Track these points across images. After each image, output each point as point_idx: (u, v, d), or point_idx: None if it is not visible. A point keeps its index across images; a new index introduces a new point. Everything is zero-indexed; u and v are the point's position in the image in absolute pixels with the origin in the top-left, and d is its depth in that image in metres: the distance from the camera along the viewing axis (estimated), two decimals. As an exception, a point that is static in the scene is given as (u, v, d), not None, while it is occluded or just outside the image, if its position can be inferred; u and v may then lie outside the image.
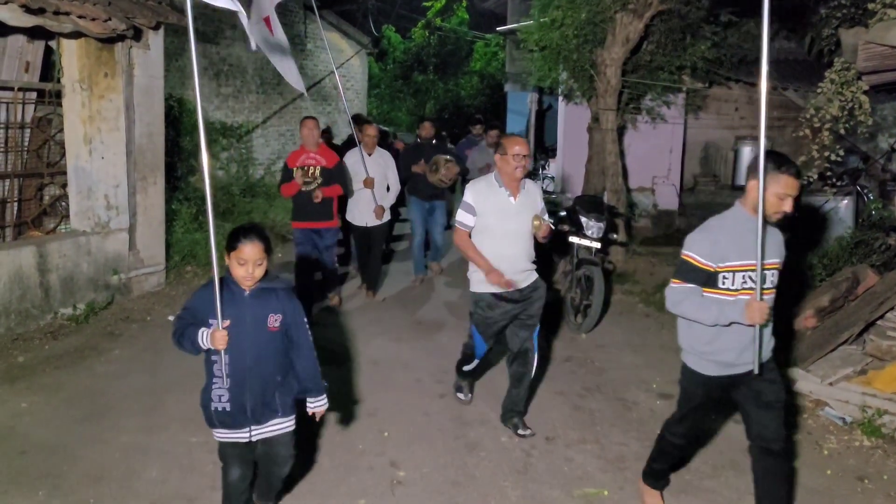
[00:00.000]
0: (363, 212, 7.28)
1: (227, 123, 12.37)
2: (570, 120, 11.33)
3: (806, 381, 5.15)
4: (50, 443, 4.15)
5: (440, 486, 3.78)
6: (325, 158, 6.53)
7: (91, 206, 6.74)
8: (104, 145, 6.75)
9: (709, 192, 12.75)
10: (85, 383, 5.07)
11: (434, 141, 8.35)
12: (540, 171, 13.96)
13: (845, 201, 8.85)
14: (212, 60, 12.30)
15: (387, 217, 7.38)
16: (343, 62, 15.33)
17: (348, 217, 7.39)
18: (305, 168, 6.43)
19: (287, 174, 6.52)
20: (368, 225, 7.33)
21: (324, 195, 6.40)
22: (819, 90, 6.99)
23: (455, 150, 9.33)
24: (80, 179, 6.67)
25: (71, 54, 6.51)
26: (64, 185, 6.81)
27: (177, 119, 10.35)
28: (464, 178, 8.24)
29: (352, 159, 7.16)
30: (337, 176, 6.55)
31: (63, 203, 6.88)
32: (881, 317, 5.36)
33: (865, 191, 9.26)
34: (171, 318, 6.63)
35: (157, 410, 4.65)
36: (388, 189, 7.44)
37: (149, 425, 4.42)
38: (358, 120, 8.51)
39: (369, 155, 7.19)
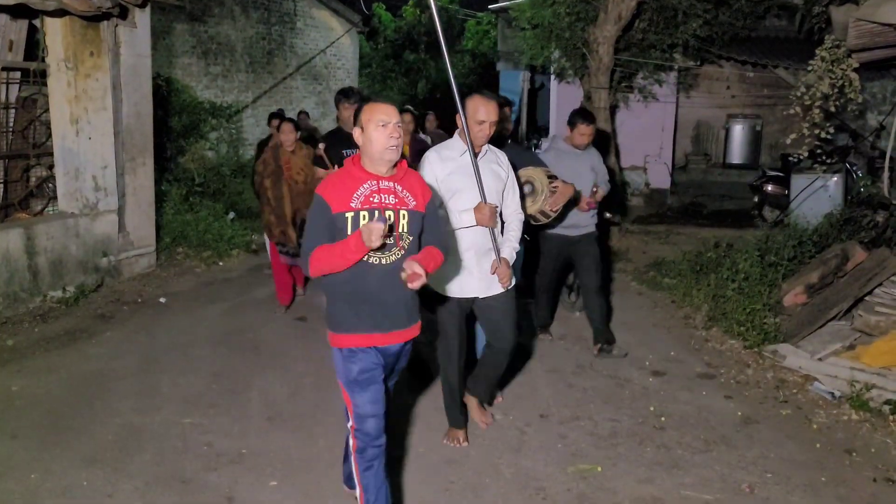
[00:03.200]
0: (470, 269, 3.77)
1: (217, 103, 12.27)
2: (563, 99, 11.29)
3: (796, 357, 5.19)
4: (41, 426, 4.13)
5: (435, 465, 3.80)
6: (413, 191, 3.01)
7: (79, 187, 6.68)
8: (91, 125, 6.67)
9: (700, 170, 12.81)
10: (76, 366, 5.05)
11: (509, 140, 5.06)
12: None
13: (835, 178, 8.89)
14: (200, 39, 12.16)
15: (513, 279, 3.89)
16: (334, 41, 15.19)
17: (434, 285, 3.76)
18: (381, 215, 2.87)
19: (328, 225, 2.89)
20: (486, 294, 3.82)
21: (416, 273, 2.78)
22: (810, 68, 6.98)
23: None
24: (67, 160, 6.60)
25: (55, 33, 6.41)
26: (51, 167, 6.74)
27: (165, 99, 10.25)
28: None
29: (447, 168, 3.70)
30: (433, 226, 3.08)
31: (50, 184, 6.81)
32: (870, 292, 5.41)
33: (854, 168, 9.30)
34: (162, 300, 6.61)
35: (150, 392, 4.64)
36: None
37: (142, 407, 4.41)
38: (348, 95, 5.48)
39: (476, 156, 3.68)
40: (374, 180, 2.91)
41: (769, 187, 9.83)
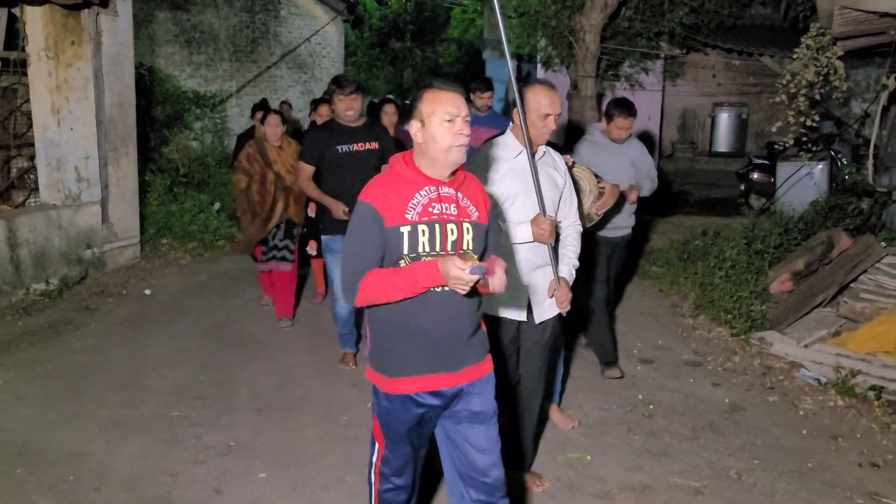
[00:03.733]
0: (519, 296, 3.23)
1: (201, 92, 12.15)
2: (549, 87, 11.26)
3: (782, 344, 5.22)
4: (27, 420, 4.09)
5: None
6: (474, 198, 2.50)
7: (61, 178, 6.59)
8: (73, 116, 6.58)
9: (687, 158, 12.85)
10: (61, 359, 5.00)
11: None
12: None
13: (820, 166, 8.93)
14: (183, 28, 12.02)
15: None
16: (319, 29, 15.07)
17: (493, 309, 3.19)
18: (477, 266, 2.18)
19: (379, 242, 2.36)
20: (538, 319, 3.34)
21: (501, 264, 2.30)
22: (795, 56, 6.99)
23: None
24: (48, 151, 6.50)
25: (35, 21, 6.29)
26: (32, 158, 6.64)
27: (148, 88, 10.14)
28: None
29: (499, 170, 3.18)
30: (495, 238, 2.61)
31: (32, 176, 6.71)
32: (854, 279, 5.45)
33: (839, 155, 9.35)
34: (147, 291, 6.56)
35: (137, 385, 4.60)
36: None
37: (128, 400, 4.38)
38: (342, 84, 4.55)
39: (533, 154, 3.13)
40: (433, 186, 2.38)
41: (755, 175, 9.87)
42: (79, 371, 4.79)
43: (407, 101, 9.21)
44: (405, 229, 2.32)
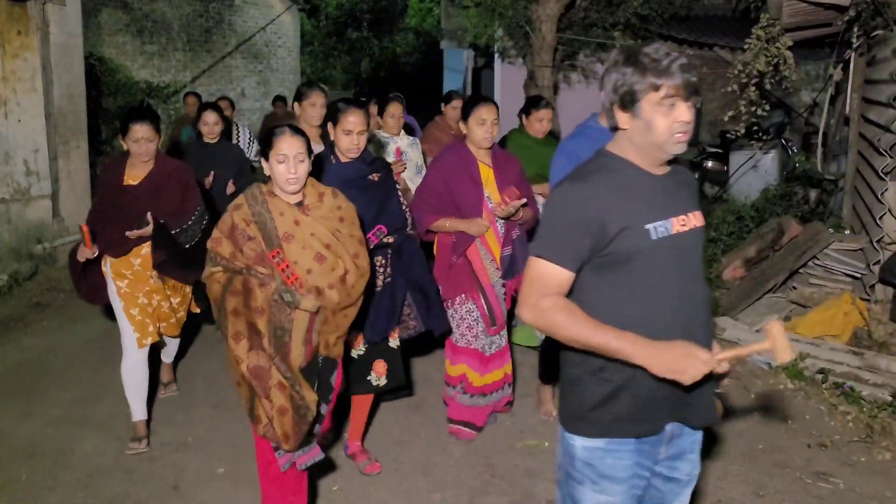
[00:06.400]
0: None
1: (154, 83, 11.89)
2: (507, 77, 11.30)
3: (735, 329, 5.35)
4: (-24, 420, 4.00)
5: (385, 446, 3.81)
6: None
7: (9, 172, 6.42)
8: (21, 108, 6.41)
9: (642, 148, 13.00)
10: (12, 357, 4.89)
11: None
12: None
13: (771, 155, 9.14)
14: (134, 17, 11.74)
15: None
16: (274, 18, 14.86)
17: None
18: None
19: None
20: None
21: None
22: (746, 46, 7.12)
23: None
24: (-5, 144, 6.34)
25: (-22, 10, 6.12)
26: (-22, 151, 6.46)
27: (98, 79, 9.90)
28: None
29: None
30: None
31: (-22, 169, 6.53)
32: (804, 265, 5.60)
33: (790, 144, 9.57)
34: (101, 286, 6.42)
35: (91, 382, 4.52)
36: None
37: (83, 397, 4.30)
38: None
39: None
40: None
41: (709, 164, 10.03)
42: (30, 369, 4.69)
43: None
44: None
